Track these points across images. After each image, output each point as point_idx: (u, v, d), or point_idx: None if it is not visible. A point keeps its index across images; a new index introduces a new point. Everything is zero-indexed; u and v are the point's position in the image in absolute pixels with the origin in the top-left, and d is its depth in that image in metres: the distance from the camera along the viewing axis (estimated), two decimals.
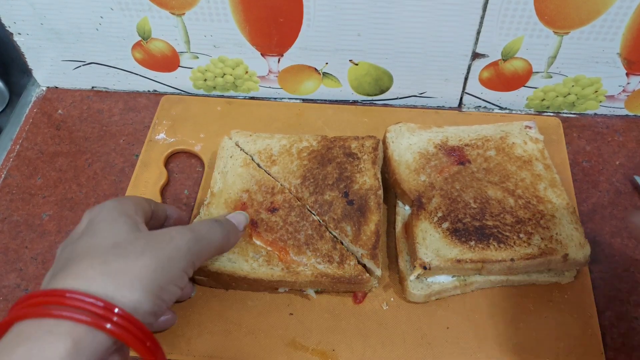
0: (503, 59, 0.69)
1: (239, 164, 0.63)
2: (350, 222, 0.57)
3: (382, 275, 0.57)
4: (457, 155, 0.63)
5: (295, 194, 0.60)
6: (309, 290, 0.57)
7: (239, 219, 0.54)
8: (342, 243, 0.57)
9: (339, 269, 0.55)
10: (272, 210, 0.59)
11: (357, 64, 0.72)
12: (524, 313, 0.57)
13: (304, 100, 0.78)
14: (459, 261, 0.55)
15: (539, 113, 0.76)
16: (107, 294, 0.38)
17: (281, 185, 0.61)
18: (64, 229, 0.66)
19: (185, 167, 0.71)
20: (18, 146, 0.74)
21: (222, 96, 0.79)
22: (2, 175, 0.71)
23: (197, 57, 0.74)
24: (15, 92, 0.82)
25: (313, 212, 0.59)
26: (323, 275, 0.55)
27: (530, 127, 0.66)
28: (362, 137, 0.64)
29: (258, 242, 0.57)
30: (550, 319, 0.57)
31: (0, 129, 0.78)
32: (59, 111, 0.78)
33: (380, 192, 0.60)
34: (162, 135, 0.72)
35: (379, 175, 0.61)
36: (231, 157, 0.64)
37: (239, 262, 0.56)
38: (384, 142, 0.65)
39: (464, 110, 0.77)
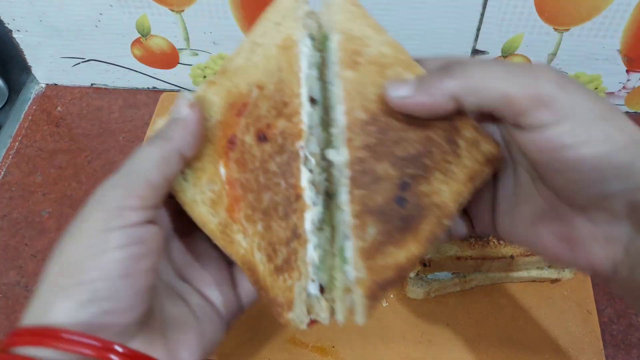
0: (503, 56, 0.69)
1: (278, 41, 0.39)
2: (380, 226, 0.35)
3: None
4: None
5: (347, 127, 0.35)
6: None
7: (178, 106, 0.40)
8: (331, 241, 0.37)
9: (270, 274, 0.36)
10: (261, 137, 0.37)
11: None
12: (524, 310, 0.57)
13: None
14: (458, 258, 0.55)
15: None
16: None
17: (300, 104, 0.37)
18: (63, 227, 0.66)
19: None
20: (17, 143, 0.74)
21: None
22: (2, 173, 0.71)
23: (197, 54, 0.74)
24: (15, 89, 0.82)
25: (304, 161, 0.36)
26: (250, 269, 0.37)
27: None
28: (484, 133, 0.38)
29: (222, 171, 0.38)
30: (550, 316, 0.57)
31: (0, 126, 0.78)
32: (58, 108, 0.78)
33: (448, 222, 0.36)
34: None
35: (463, 201, 0.37)
36: (278, 24, 0.40)
37: (188, 186, 0.40)
38: None
39: None
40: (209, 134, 0.39)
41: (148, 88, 0.80)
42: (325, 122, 0.38)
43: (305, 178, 0.36)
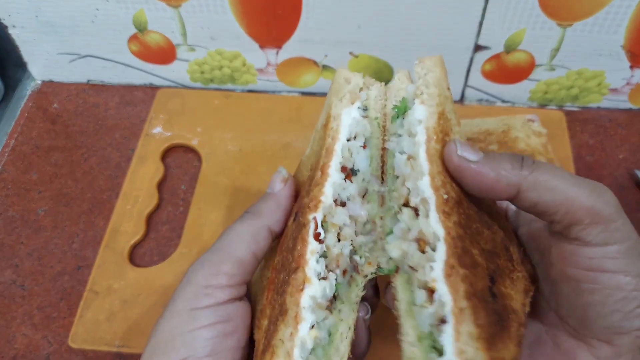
0: (506, 52, 0.68)
1: (323, 121, 0.39)
2: (486, 314, 0.30)
3: None
4: None
5: (435, 201, 0.33)
6: None
7: (272, 181, 0.41)
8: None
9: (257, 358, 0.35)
10: (295, 218, 0.38)
11: (357, 56, 0.71)
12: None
13: (303, 93, 0.77)
14: None
15: (542, 106, 0.75)
16: None
17: (328, 173, 0.36)
18: (59, 225, 0.65)
19: (182, 161, 0.70)
20: (13, 141, 0.73)
21: (220, 89, 0.78)
22: None
23: (194, 50, 0.73)
24: (10, 86, 0.81)
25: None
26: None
27: (533, 121, 0.65)
28: (524, 254, 0.38)
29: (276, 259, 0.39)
30: None
31: None
32: (55, 105, 0.77)
33: (523, 330, 0.33)
34: (158, 129, 0.71)
35: (526, 313, 0.34)
36: (328, 105, 0.39)
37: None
38: None
39: (465, 103, 0.75)
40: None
41: (145, 84, 0.79)
42: (376, 192, 0.37)
43: (310, 249, 0.34)
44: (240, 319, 0.38)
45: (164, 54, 0.74)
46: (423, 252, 0.32)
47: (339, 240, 0.35)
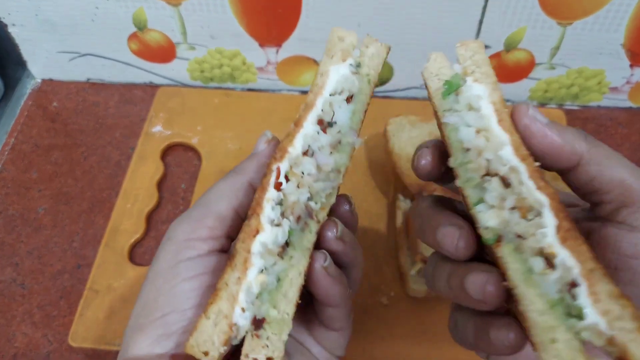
0: (506, 50, 0.68)
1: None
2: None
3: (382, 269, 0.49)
4: None
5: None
6: None
7: (258, 142, 0.42)
8: None
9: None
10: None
11: None
12: None
13: (303, 92, 0.77)
14: None
15: (542, 105, 0.75)
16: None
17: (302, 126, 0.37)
18: (59, 223, 0.65)
19: (182, 160, 0.70)
20: (13, 139, 0.73)
21: (220, 88, 0.78)
22: None
23: (194, 48, 0.73)
24: (10, 84, 0.81)
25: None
26: None
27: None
28: None
29: None
30: None
31: None
32: (54, 104, 0.77)
33: None
34: (158, 128, 0.71)
35: None
36: (332, 57, 0.39)
37: None
38: (385, 135, 0.64)
39: None
40: None
41: (145, 83, 0.79)
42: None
43: (267, 197, 0.35)
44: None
45: (164, 53, 0.74)
46: (526, 218, 0.33)
47: (298, 187, 0.36)
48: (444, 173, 0.38)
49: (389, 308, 0.57)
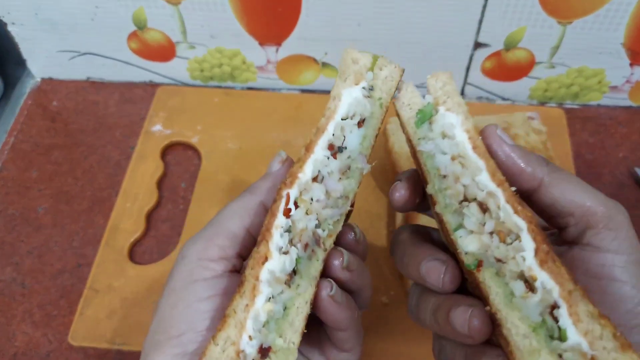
0: (506, 49, 0.68)
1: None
2: None
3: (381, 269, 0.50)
4: None
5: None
6: None
7: (272, 161, 0.42)
8: None
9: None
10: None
11: None
12: None
13: (303, 91, 0.77)
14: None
15: (542, 104, 0.75)
16: None
17: (313, 152, 0.37)
18: (59, 223, 0.65)
19: (182, 159, 0.70)
20: (13, 138, 0.73)
21: (220, 87, 0.78)
22: None
23: (194, 47, 0.73)
24: (10, 83, 0.81)
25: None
26: None
27: (533, 118, 0.65)
28: None
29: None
30: None
31: None
32: (54, 103, 0.77)
33: None
34: (158, 127, 0.71)
35: None
36: (346, 79, 0.40)
37: None
38: (385, 134, 0.64)
39: (465, 101, 0.75)
40: None
41: (145, 82, 0.79)
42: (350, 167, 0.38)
43: (276, 224, 0.35)
44: None
45: (164, 52, 0.74)
46: (505, 242, 0.34)
47: (307, 214, 0.36)
48: (420, 202, 0.39)
49: (389, 307, 0.57)
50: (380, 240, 0.62)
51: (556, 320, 0.30)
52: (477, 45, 0.68)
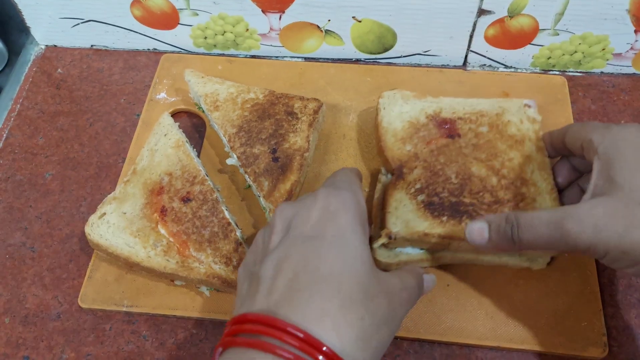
0: (509, 16, 0.68)
1: (171, 144, 0.63)
2: (270, 177, 0.59)
3: None
4: (447, 127, 0.61)
5: (228, 141, 0.62)
6: (202, 288, 0.57)
7: (429, 284, 0.47)
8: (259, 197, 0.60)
9: (233, 273, 0.54)
10: (186, 200, 0.58)
11: (360, 21, 0.71)
12: (523, 270, 0.57)
13: (306, 58, 0.77)
14: (426, 235, 0.53)
15: (545, 71, 0.75)
16: (335, 345, 0.35)
17: (204, 175, 0.60)
18: (67, 188, 0.66)
19: (187, 126, 0.71)
20: (19, 105, 0.74)
21: (223, 54, 0.78)
22: (4, 135, 0.71)
23: (197, 14, 0.72)
24: (14, 51, 0.81)
25: (221, 202, 0.59)
26: (215, 277, 0.54)
27: (529, 106, 0.62)
28: (307, 99, 0.65)
29: (162, 231, 0.57)
30: (550, 277, 0.57)
31: (0, 88, 0.78)
32: (59, 70, 0.77)
33: (308, 154, 0.61)
34: (162, 95, 0.72)
35: (311, 138, 0.62)
36: (165, 135, 0.64)
37: (137, 248, 0.56)
38: (376, 108, 0.64)
39: (468, 69, 0.75)
40: (142, 214, 0.58)
41: (148, 49, 0.79)
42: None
43: (227, 213, 0.58)
44: None
45: (167, 19, 0.74)
46: None
47: None
48: None
49: None
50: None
51: None
52: (481, 12, 0.67)
